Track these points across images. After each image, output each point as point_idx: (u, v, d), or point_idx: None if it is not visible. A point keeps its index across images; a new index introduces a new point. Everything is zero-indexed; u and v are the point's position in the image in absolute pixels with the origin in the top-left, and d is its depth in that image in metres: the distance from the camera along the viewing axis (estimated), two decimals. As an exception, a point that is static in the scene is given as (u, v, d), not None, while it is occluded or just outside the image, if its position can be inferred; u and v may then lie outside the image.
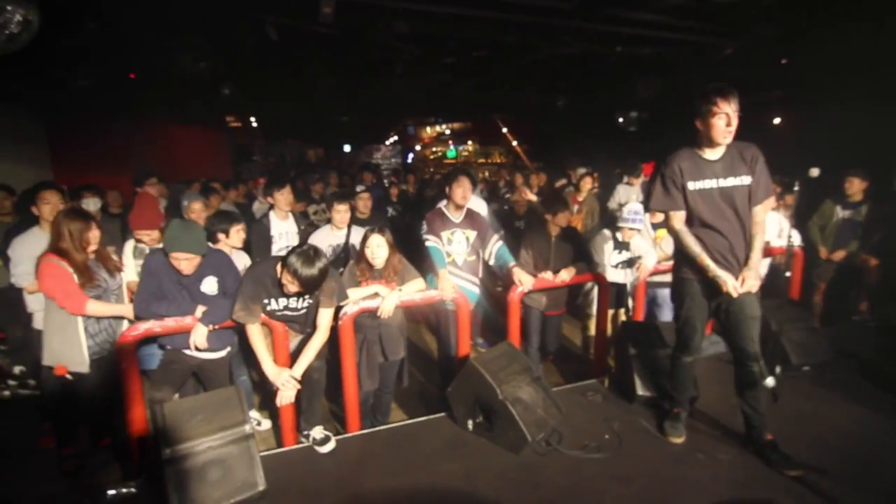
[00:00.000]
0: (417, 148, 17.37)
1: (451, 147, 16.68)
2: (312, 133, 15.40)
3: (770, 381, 2.54)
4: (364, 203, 4.63)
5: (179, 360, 2.84)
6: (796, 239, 4.36)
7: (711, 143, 2.49)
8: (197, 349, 2.72)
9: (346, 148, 17.14)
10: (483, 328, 4.87)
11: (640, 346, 3.32)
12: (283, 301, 2.77)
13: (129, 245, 3.33)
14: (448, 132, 16.72)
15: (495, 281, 4.70)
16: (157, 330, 2.63)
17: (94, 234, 2.74)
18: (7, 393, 3.14)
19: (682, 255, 2.67)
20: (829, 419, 3.03)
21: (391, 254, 3.03)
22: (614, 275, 3.83)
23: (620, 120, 8.70)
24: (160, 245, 2.95)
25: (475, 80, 7.94)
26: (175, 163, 9.40)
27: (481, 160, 15.94)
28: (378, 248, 2.96)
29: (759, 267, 2.53)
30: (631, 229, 3.72)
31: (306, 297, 2.78)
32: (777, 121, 7.30)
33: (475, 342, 4.55)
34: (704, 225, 2.55)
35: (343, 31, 5.10)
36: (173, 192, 5.88)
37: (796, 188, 4.85)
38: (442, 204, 3.61)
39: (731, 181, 2.49)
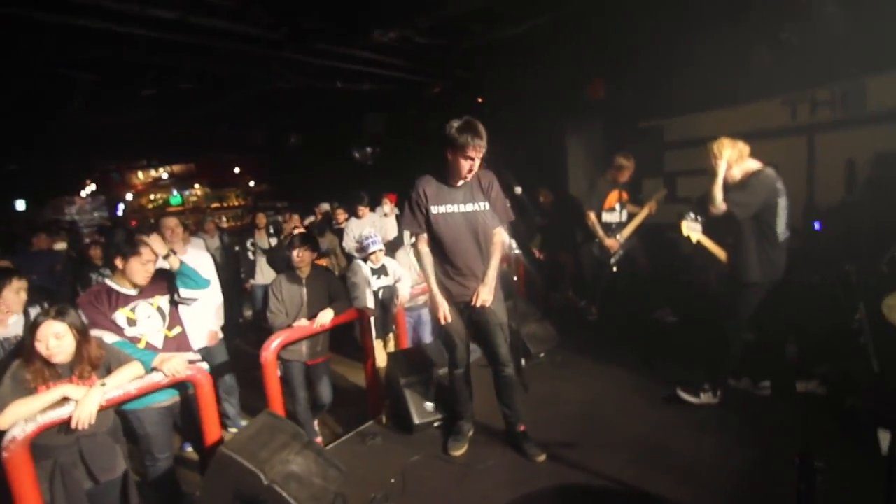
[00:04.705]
0: (129, 197, 14.49)
1: (175, 193, 14.47)
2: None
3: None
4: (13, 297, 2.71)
5: None
6: (514, 247, 5.11)
7: (455, 177, 2.64)
8: None
9: (20, 205, 13.11)
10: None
11: (409, 374, 3.28)
12: None
13: None
14: (167, 176, 14.46)
15: None
16: None
17: None
18: None
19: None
20: (568, 395, 3.54)
21: (82, 342, 2.22)
22: (379, 300, 3.75)
23: (356, 155, 8.98)
24: None
25: (188, 115, 6.99)
26: None
27: (215, 204, 14.28)
28: (55, 340, 2.12)
29: (493, 282, 2.74)
30: (375, 252, 3.70)
31: None
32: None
33: None
34: (447, 244, 2.70)
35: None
36: None
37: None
38: (107, 276, 2.73)
39: (470, 207, 2.69)
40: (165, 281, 2.81)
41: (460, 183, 2.67)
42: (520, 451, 2.86)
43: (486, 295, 2.71)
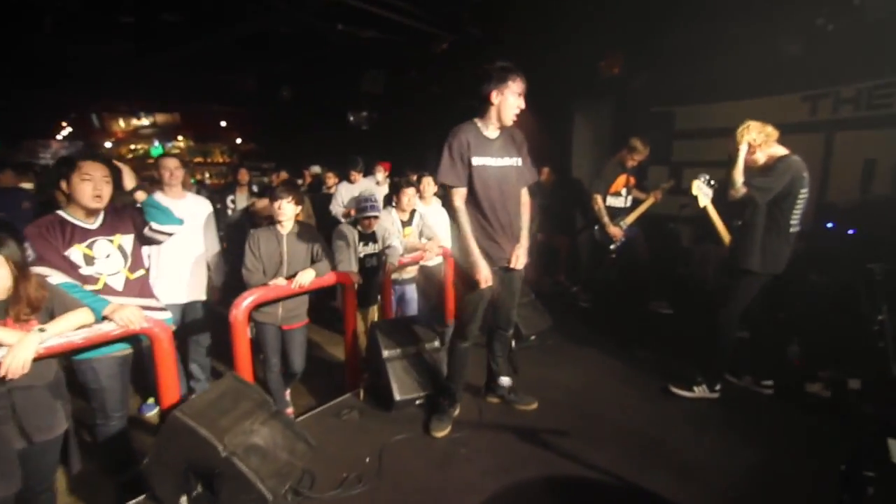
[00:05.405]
0: (108, 145, 13.78)
1: (157, 144, 13.78)
2: None
3: (505, 381, 2.95)
4: None
5: None
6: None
7: (498, 122, 2.49)
8: None
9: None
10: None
11: (393, 347, 3.03)
12: None
13: None
14: (149, 124, 13.74)
15: None
16: None
17: None
18: None
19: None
20: (559, 382, 3.34)
21: (20, 279, 1.90)
22: (364, 268, 3.46)
23: (351, 118, 8.57)
24: None
25: (171, 54, 6.44)
26: None
27: (198, 159, 13.64)
28: (-15, 277, 1.80)
29: (527, 243, 2.67)
30: (370, 218, 3.40)
31: None
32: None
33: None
34: (487, 200, 2.51)
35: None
36: None
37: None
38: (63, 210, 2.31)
39: (506, 161, 2.54)
40: (130, 219, 2.48)
41: (497, 134, 2.53)
42: (503, 399, 3.01)
43: (524, 256, 2.64)
